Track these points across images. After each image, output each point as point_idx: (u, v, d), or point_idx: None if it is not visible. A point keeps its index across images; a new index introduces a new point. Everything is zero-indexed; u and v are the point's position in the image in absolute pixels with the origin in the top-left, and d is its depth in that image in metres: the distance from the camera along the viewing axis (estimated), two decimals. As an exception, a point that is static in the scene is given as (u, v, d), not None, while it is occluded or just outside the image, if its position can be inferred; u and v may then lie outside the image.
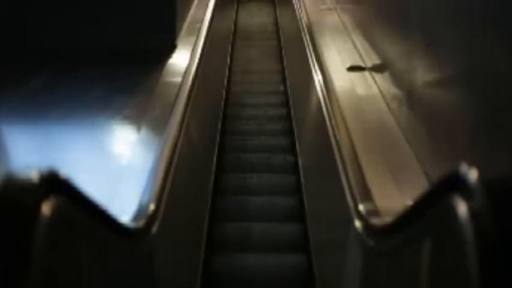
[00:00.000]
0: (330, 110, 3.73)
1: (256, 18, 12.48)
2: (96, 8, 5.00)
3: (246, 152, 6.42)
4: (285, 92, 8.03)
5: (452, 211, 1.40)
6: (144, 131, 3.41)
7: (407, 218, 1.85)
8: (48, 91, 4.06)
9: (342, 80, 4.25)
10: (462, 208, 1.37)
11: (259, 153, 6.36)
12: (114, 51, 4.85)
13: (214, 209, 5.25)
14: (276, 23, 11.63)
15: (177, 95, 3.82)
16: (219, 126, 6.72)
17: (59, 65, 4.61)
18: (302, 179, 5.58)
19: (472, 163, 1.40)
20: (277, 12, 12.00)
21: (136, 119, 3.57)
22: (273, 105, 7.80)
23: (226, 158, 6.28)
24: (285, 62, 9.02)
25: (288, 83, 8.20)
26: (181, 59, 4.70)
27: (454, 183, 1.42)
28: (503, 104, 2.21)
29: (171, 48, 4.97)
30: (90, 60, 4.73)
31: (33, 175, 1.40)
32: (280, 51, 9.74)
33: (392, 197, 2.67)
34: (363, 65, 4.49)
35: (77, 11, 4.99)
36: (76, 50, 4.86)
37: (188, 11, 6.13)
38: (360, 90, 4.07)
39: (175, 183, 3.05)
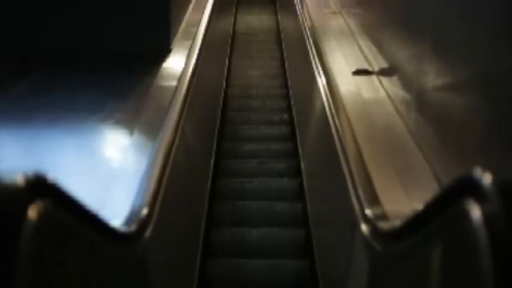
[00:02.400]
0: (334, 113, 3.76)
1: (256, 22, 12.45)
2: (90, 11, 5.08)
3: (244, 199, 5.71)
4: (287, 96, 8.08)
5: (465, 215, 1.42)
6: (137, 135, 3.44)
7: (418, 222, 1.87)
8: (37, 94, 4.11)
9: (348, 84, 4.30)
10: (476, 212, 1.39)
11: (260, 201, 5.65)
12: (107, 55, 4.92)
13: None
14: (278, 27, 11.66)
15: (172, 99, 3.86)
16: (216, 131, 6.71)
17: (52, 69, 4.67)
18: (305, 182, 5.58)
19: (485, 166, 1.43)
20: (279, 16, 12.03)
21: (128, 123, 3.61)
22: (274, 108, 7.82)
23: (219, 207, 5.53)
24: (286, 65, 9.07)
25: (290, 88, 8.26)
26: (176, 63, 4.74)
27: (467, 187, 1.44)
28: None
29: (165, 52, 5.03)
30: (82, 64, 4.82)
31: (20, 178, 1.42)
32: (282, 55, 9.78)
33: (401, 200, 2.69)
34: (369, 68, 4.53)
35: (73, 13, 5.07)
36: (70, 54, 4.95)
37: (184, 15, 6.19)
38: (367, 94, 4.11)
39: (170, 187, 3.08)
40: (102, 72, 4.67)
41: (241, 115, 7.70)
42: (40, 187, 1.46)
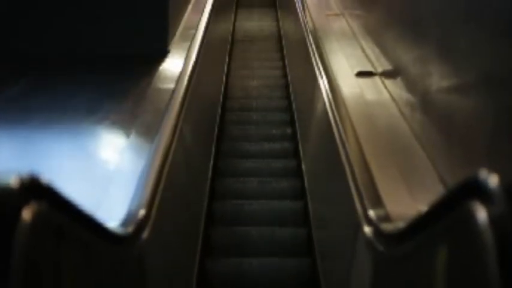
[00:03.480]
0: (336, 114, 3.78)
1: (256, 24, 12.40)
2: (88, 12, 5.11)
3: (242, 224, 5.41)
4: (290, 108, 8.03)
5: (471, 217, 1.44)
6: (133, 137, 3.46)
7: (422, 224, 1.88)
8: (32, 95, 4.14)
9: (350, 86, 4.32)
10: (482, 214, 1.41)
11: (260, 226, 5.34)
12: (104, 56, 4.95)
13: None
14: (279, 30, 11.65)
15: (169, 101, 3.88)
16: (213, 148, 6.58)
17: (49, 70, 4.71)
18: (306, 184, 5.55)
19: (491, 168, 1.45)
20: (280, 22, 12.01)
21: (125, 125, 3.62)
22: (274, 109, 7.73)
23: (215, 233, 5.24)
24: (288, 74, 9.08)
25: (291, 92, 8.27)
26: (174, 65, 4.77)
27: (473, 189, 1.46)
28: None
29: (163, 54, 5.05)
30: (79, 66, 4.85)
31: (14, 180, 1.43)
32: (284, 64, 9.78)
33: (405, 202, 2.71)
34: (373, 70, 4.56)
35: (71, 14, 5.10)
36: (66, 56, 4.99)
37: (182, 17, 6.22)
38: (370, 96, 4.13)
39: (168, 188, 3.10)
40: (98, 74, 4.70)
41: (240, 129, 7.49)
42: (35, 189, 1.48)
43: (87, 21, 5.12)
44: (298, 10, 7.56)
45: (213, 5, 7.03)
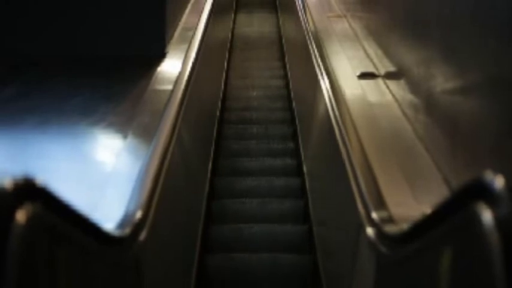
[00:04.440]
0: (338, 116, 3.80)
1: (255, 26, 12.36)
2: (84, 14, 5.14)
3: (241, 250, 5.18)
4: (292, 120, 7.88)
5: (476, 219, 1.45)
6: (130, 138, 3.47)
7: (427, 225, 1.89)
8: (27, 97, 4.16)
9: (352, 87, 4.33)
10: (487, 216, 1.42)
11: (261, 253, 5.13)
12: (100, 58, 4.97)
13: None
14: (279, 32, 11.62)
15: (167, 102, 3.90)
16: (210, 164, 6.36)
17: (45, 71, 4.73)
18: (307, 184, 5.53)
19: (497, 170, 1.46)
20: (281, 29, 11.98)
21: (121, 126, 3.64)
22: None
23: (211, 261, 4.97)
24: (289, 74, 9.08)
25: (292, 95, 8.27)
26: (171, 67, 4.79)
27: (479, 190, 1.48)
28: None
29: (160, 56, 5.07)
30: (76, 67, 4.87)
31: (7, 182, 1.44)
32: (284, 62, 9.75)
33: (408, 204, 2.72)
34: (376, 72, 4.58)
35: (65, 17, 5.13)
36: (63, 57, 5.01)
37: (180, 19, 6.24)
38: (372, 98, 4.15)
39: (166, 190, 3.11)
40: (95, 75, 4.72)
41: (239, 143, 7.22)
42: (29, 190, 1.49)
43: (83, 22, 5.14)
44: (300, 13, 7.58)
45: (211, 9, 7.06)
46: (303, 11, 7.54)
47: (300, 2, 8.00)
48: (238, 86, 9.15)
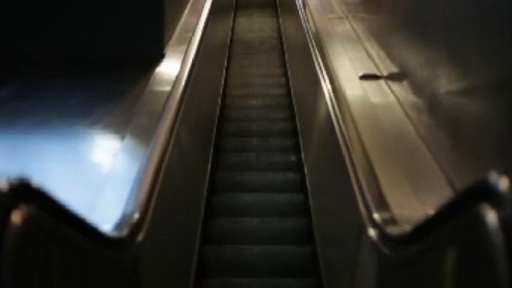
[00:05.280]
0: (339, 117, 3.81)
1: (256, 31, 12.29)
2: (82, 15, 5.16)
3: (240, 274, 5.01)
4: (295, 131, 7.59)
5: (480, 220, 1.47)
6: (128, 140, 3.48)
7: (430, 226, 1.90)
8: (24, 98, 4.18)
9: (354, 89, 4.34)
10: (492, 217, 1.44)
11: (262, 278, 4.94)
12: (98, 59, 5.00)
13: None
14: (279, 34, 11.59)
15: (165, 103, 3.91)
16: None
17: (42, 72, 4.75)
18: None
19: (502, 171, 1.47)
20: (283, 37, 11.94)
21: (119, 128, 3.65)
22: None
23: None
24: (289, 75, 9.08)
25: (293, 96, 8.26)
26: (170, 68, 4.80)
27: (483, 191, 1.49)
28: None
29: (159, 57, 5.08)
30: (74, 68, 4.90)
31: (2, 183, 1.46)
32: (288, 82, 9.66)
33: (411, 205, 2.73)
34: (378, 73, 4.59)
35: (63, 18, 5.15)
36: (61, 58, 5.03)
37: (178, 20, 6.25)
38: (375, 99, 4.16)
39: (164, 192, 3.12)
40: (92, 77, 4.75)
41: (238, 156, 6.97)
42: (24, 191, 1.51)
43: (82, 23, 5.17)
44: (301, 16, 7.60)
45: (210, 10, 7.07)
46: (304, 13, 7.56)
47: (301, 5, 8.01)
48: (237, 94, 8.96)
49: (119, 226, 2.52)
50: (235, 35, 12.10)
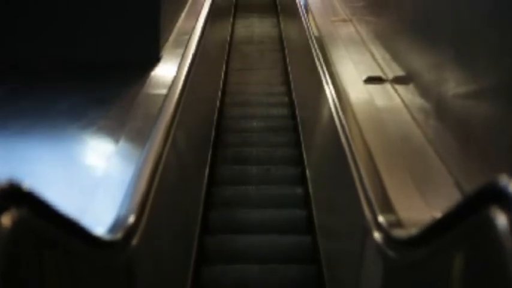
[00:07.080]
0: (343, 120, 3.82)
1: (256, 33, 12.29)
2: (77, 18, 5.18)
3: None
4: (300, 158, 6.92)
5: (490, 223, 1.49)
6: (122, 143, 3.49)
7: (438, 230, 1.91)
8: (16, 100, 4.20)
9: (358, 92, 4.36)
10: (501, 220, 1.46)
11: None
12: (94, 62, 5.02)
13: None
14: (280, 38, 11.56)
15: (161, 106, 3.93)
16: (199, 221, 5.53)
17: (38, 75, 4.78)
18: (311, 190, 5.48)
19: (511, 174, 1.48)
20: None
21: (113, 131, 3.66)
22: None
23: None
24: (291, 77, 9.08)
25: (294, 99, 8.28)
26: (166, 72, 4.82)
27: (493, 194, 1.51)
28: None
29: (154, 60, 5.11)
30: (69, 72, 4.93)
31: None
32: (292, 102, 9.41)
33: (419, 208, 2.74)
34: (383, 76, 4.61)
35: (60, 21, 5.18)
36: (56, 62, 5.05)
37: (175, 23, 6.28)
38: (380, 102, 4.18)
39: (160, 194, 3.13)
40: (88, 79, 4.76)
41: (236, 189, 6.29)
42: (14, 194, 1.53)
43: (77, 25, 5.20)
44: (301, 14, 7.62)
45: (208, 14, 7.09)
46: (307, 19, 7.57)
47: (302, 9, 8.04)
48: (235, 115, 8.34)
49: (113, 229, 2.52)
50: (233, 45, 11.59)
